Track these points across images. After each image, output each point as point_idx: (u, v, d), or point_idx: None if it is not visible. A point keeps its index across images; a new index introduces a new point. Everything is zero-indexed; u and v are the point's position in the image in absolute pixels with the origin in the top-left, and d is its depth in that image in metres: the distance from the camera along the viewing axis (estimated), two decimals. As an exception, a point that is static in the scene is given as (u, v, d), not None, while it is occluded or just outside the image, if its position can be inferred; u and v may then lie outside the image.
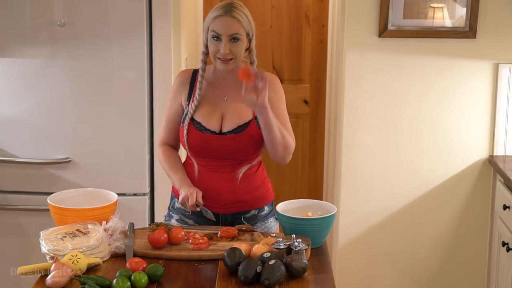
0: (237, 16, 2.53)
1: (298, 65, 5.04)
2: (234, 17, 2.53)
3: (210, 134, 2.59)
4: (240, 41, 2.55)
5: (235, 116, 2.60)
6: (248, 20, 2.57)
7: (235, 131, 2.58)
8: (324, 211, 2.49)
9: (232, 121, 2.60)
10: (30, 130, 3.59)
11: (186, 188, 2.58)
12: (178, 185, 2.63)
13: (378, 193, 3.73)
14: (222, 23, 2.53)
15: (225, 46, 2.53)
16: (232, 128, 2.59)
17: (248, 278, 2.13)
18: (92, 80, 3.54)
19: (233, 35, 2.53)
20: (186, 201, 2.56)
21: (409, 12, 3.54)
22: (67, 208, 2.48)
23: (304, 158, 5.13)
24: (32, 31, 3.51)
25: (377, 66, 3.62)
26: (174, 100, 2.70)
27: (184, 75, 2.72)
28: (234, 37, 2.53)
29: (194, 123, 2.61)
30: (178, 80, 2.72)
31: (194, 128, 2.61)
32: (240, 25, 2.53)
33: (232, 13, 2.53)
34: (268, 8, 4.94)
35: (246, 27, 2.55)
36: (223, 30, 2.53)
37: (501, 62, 3.58)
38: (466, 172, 3.70)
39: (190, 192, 2.56)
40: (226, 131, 2.59)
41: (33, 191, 3.62)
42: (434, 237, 3.77)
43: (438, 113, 3.64)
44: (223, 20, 2.53)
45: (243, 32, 2.55)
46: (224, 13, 2.53)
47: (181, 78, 2.72)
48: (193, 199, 2.54)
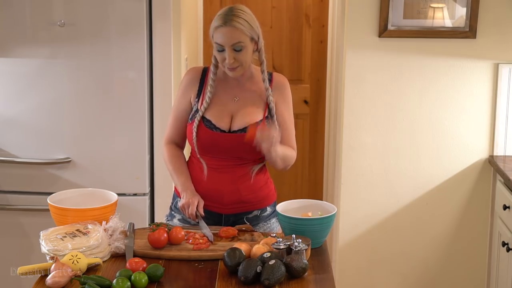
0: (237, 25, 2.51)
1: (298, 65, 5.04)
2: (234, 27, 2.51)
3: (219, 132, 2.59)
4: (244, 48, 2.54)
5: (245, 116, 2.61)
6: (250, 25, 2.54)
7: (244, 130, 2.58)
8: (324, 211, 2.49)
9: (241, 121, 2.60)
10: (30, 130, 3.59)
11: (189, 195, 2.58)
12: (180, 189, 2.63)
13: (378, 193, 3.73)
14: (223, 34, 2.52)
15: (229, 56, 2.53)
16: (241, 127, 2.59)
17: (248, 278, 2.13)
18: (92, 80, 3.54)
19: (235, 44, 2.52)
20: (186, 209, 2.56)
21: (409, 12, 3.54)
22: (67, 208, 2.48)
23: (304, 158, 5.13)
24: (32, 31, 3.51)
25: (377, 66, 3.62)
26: (183, 97, 2.69)
27: (194, 72, 2.72)
28: (237, 46, 2.53)
29: (204, 120, 2.61)
30: (187, 77, 2.71)
31: (204, 125, 2.61)
32: (241, 33, 2.52)
33: (231, 22, 2.51)
34: (268, 8, 4.95)
35: (248, 33, 2.54)
36: (224, 41, 2.52)
37: (501, 62, 3.58)
38: (466, 172, 3.70)
39: (191, 201, 2.56)
40: (235, 130, 2.59)
41: (33, 191, 3.62)
42: (434, 237, 3.77)
43: (438, 113, 3.64)
44: (223, 31, 2.52)
45: (245, 39, 2.53)
46: (223, 23, 2.52)
47: (191, 75, 2.71)
48: (193, 208, 2.54)
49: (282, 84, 2.68)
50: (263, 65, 2.63)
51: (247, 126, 2.58)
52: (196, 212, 2.55)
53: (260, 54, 2.62)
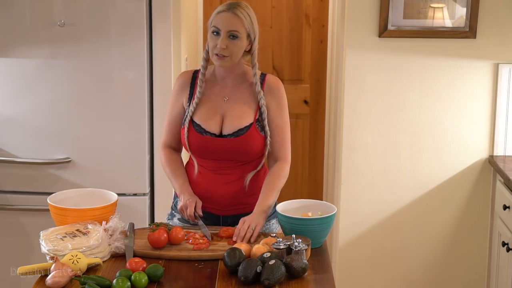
0: (239, 13, 2.53)
1: (298, 65, 5.04)
2: (236, 14, 2.52)
3: (210, 136, 2.59)
4: (239, 39, 2.54)
5: (236, 118, 2.59)
6: (251, 20, 2.55)
7: (235, 134, 2.58)
8: (324, 211, 2.49)
9: (232, 123, 2.59)
10: (30, 130, 3.59)
11: (186, 197, 2.58)
12: (178, 191, 2.63)
13: (378, 193, 3.73)
14: (223, 18, 2.53)
15: (222, 41, 2.52)
16: (232, 131, 2.58)
17: (248, 278, 2.13)
18: (92, 80, 3.54)
19: (232, 31, 2.52)
20: (185, 210, 2.56)
21: (409, 12, 3.54)
22: (67, 208, 2.48)
23: (304, 158, 5.13)
24: (32, 31, 3.51)
25: (377, 66, 3.61)
26: (175, 102, 2.69)
27: (184, 77, 2.71)
28: (232, 34, 2.52)
29: (194, 125, 2.61)
30: (178, 82, 2.71)
31: (194, 130, 2.60)
32: (240, 22, 2.53)
33: (234, 10, 2.53)
34: (268, 8, 4.95)
35: (247, 27, 2.54)
36: (222, 25, 2.52)
37: (501, 62, 3.58)
38: (466, 172, 3.70)
39: (189, 202, 2.56)
40: (226, 134, 2.59)
41: (33, 191, 3.62)
42: (434, 237, 3.77)
43: (438, 113, 3.64)
44: (224, 15, 2.53)
45: (243, 30, 2.54)
46: (227, 9, 2.54)
47: (182, 80, 2.71)
48: (191, 209, 2.54)
49: (275, 86, 2.64)
50: (255, 68, 2.61)
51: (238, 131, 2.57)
52: (194, 213, 2.55)
53: (253, 57, 2.61)
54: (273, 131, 2.62)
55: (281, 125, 2.64)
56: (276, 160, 2.65)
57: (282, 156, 2.65)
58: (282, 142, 2.64)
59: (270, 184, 2.59)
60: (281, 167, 2.64)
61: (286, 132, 2.66)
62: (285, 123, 2.65)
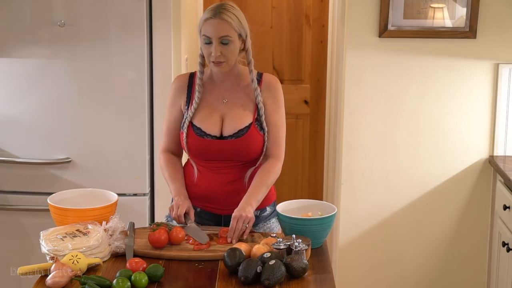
0: (226, 18, 2.51)
1: (298, 65, 5.04)
2: (223, 19, 2.50)
3: (210, 139, 2.58)
4: (231, 43, 2.53)
5: (235, 119, 2.59)
6: (239, 20, 2.54)
7: (236, 135, 2.58)
8: (324, 211, 2.49)
9: (232, 124, 2.59)
10: (30, 130, 3.59)
11: (181, 199, 2.57)
12: (174, 194, 2.63)
13: (378, 193, 3.73)
14: (211, 26, 2.51)
15: (215, 49, 2.51)
16: (232, 133, 2.58)
17: (248, 278, 2.13)
18: (92, 80, 3.54)
19: (223, 37, 2.51)
20: (175, 209, 2.54)
21: (409, 12, 3.54)
22: (67, 208, 2.48)
23: (304, 158, 5.13)
24: (32, 31, 3.51)
25: (377, 66, 3.62)
26: (173, 106, 2.68)
27: (180, 80, 2.71)
28: (224, 40, 2.51)
29: (193, 128, 2.60)
30: (175, 85, 2.70)
31: (194, 133, 2.60)
32: (229, 27, 2.51)
33: (221, 15, 2.50)
34: (268, 8, 4.94)
35: (237, 28, 2.53)
36: (212, 33, 2.51)
37: (501, 62, 3.58)
38: (466, 172, 3.70)
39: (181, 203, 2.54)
40: (227, 135, 2.59)
41: (33, 191, 3.62)
42: (434, 237, 3.77)
43: (438, 113, 3.64)
44: (212, 22, 2.51)
45: (233, 34, 2.52)
46: (213, 15, 2.51)
47: (178, 83, 2.70)
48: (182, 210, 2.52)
49: (272, 85, 2.64)
50: (251, 65, 2.60)
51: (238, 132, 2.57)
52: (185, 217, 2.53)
53: (248, 53, 2.60)
54: (268, 127, 2.62)
55: (276, 122, 2.63)
56: (269, 157, 2.64)
57: (275, 153, 2.64)
58: (276, 139, 2.63)
59: (260, 180, 2.58)
60: (273, 164, 2.63)
61: (281, 130, 2.65)
62: (280, 120, 2.65)
